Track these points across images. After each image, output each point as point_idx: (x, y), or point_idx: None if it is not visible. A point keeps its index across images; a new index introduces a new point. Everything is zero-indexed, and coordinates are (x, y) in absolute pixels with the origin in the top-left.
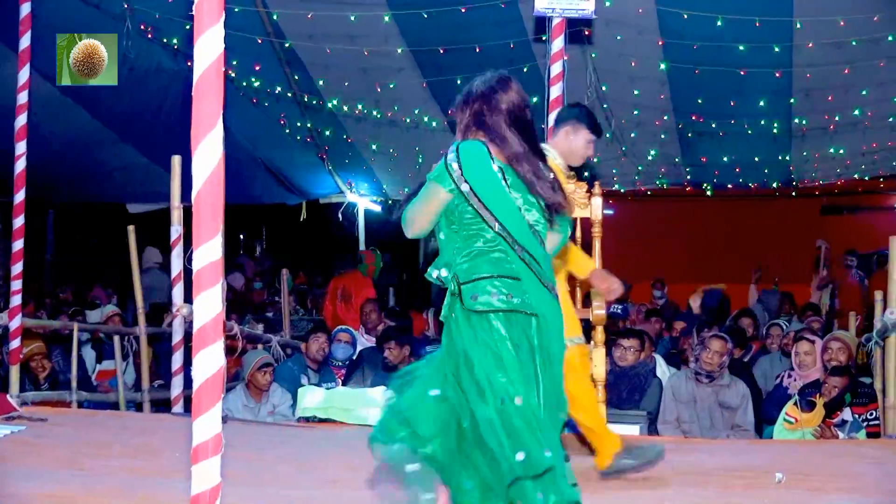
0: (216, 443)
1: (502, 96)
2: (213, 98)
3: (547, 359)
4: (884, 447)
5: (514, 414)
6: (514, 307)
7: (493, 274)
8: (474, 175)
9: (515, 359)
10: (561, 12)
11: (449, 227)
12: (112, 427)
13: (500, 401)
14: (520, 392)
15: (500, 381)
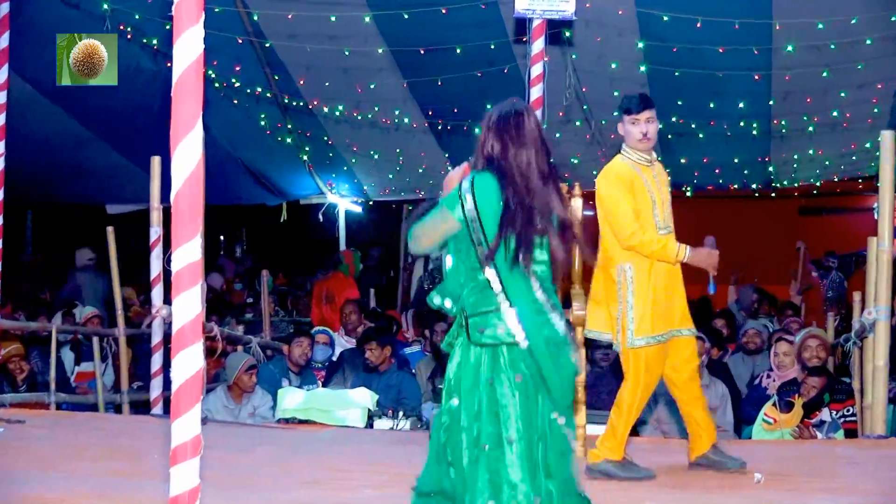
0: (195, 444)
1: (518, 130)
2: (192, 99)
3: (539, 388)
4: (861, 447)
5: (493, 459)
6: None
7: (498, 307)
8: (484, 211)
9: (514, 396)
10: (541, 14)
11: (457, 253)
12: (91, 429)
13: (483, 447)
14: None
15: (488, 429)
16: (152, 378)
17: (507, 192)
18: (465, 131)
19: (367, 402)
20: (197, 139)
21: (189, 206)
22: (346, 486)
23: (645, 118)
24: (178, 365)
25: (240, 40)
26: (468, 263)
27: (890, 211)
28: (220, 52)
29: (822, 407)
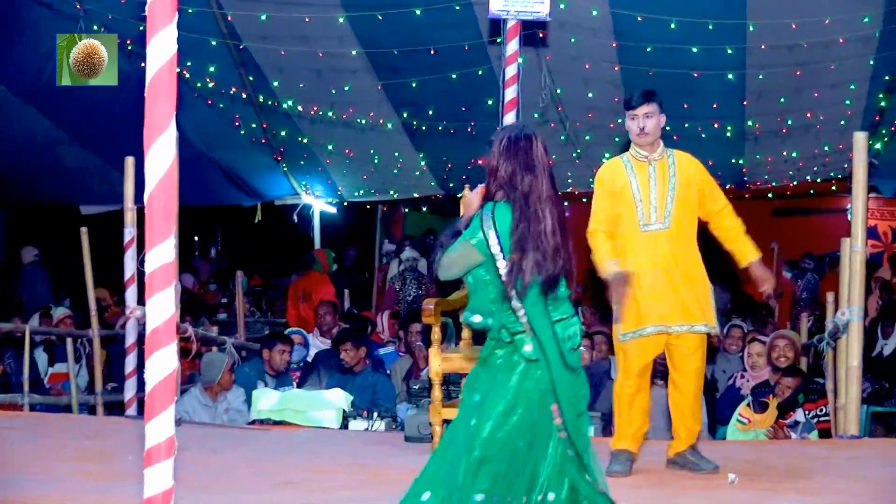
0: (169, 446)
1: (528, 154)
2: (166, 99)
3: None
4: (834, 448)
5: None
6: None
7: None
8: (505, 244)
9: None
10: (516, 15)
11: (486, 274)
12: (64, 430)
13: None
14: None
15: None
16: (126, 379)
17: (519, 220)
18: (440, 132)
19: (341, 403)
20: (171, 140)
21: (163, 207)
22: (320, 487)
23: (643, 113)
24: (152, 366)
25: (214, 41)
26: (498, 287)
27: (863, 212)
28: (194, 52)
29: (797, 407)
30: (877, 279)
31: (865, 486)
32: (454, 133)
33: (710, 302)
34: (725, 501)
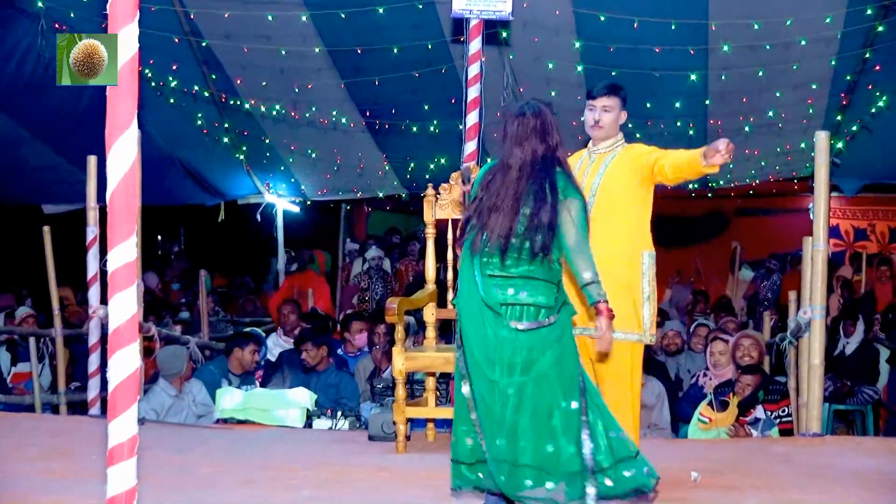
0: (132, 445)
1: (512, 127)
2: (127, 97)
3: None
4: (796, 445)
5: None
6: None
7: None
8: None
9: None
10: (478, 14)
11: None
12: (28, 430)
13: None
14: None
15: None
16: (90, 378)
17: (484, 181)
18: (403, 131)
19: (305, 402)
20: (132, 138)
21: (125, 206)
22: (284, 486)
23: (601, 105)
24: (115, 365)
25: (177, 39)
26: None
27: (825, 211)
28: (156, 51)
29: (756, 405)
30: (839, 278)
31: (827, 483)
32: (417, 132)
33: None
34: (688, 499)
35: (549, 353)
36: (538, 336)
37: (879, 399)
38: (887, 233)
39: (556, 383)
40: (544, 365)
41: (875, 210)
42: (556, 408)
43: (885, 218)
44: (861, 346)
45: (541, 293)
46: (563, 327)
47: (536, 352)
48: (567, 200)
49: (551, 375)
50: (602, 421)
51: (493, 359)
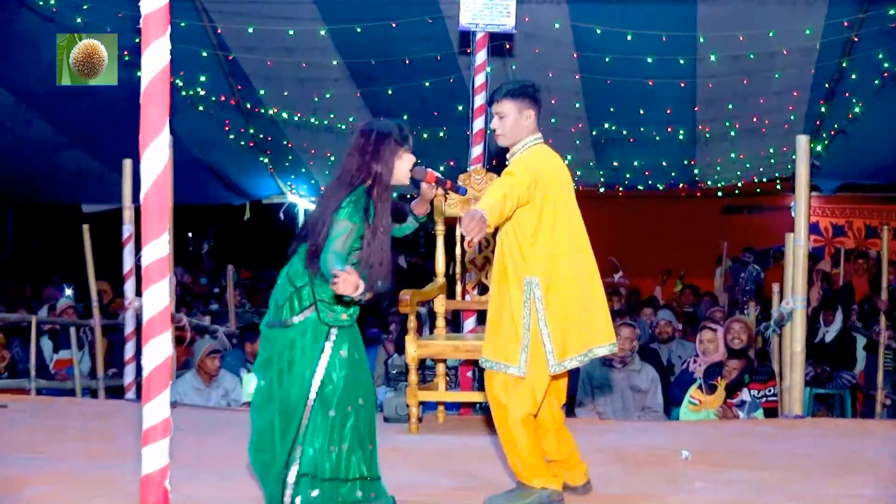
0: (165, 426)
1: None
2: (160, 105)
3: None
4: (779, 426)
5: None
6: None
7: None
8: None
9: None
10: (484, 27)
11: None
12: (68, 413)
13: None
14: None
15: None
16: (126, 365)
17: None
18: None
19: None
20: (164, 143)
21: (157, 206)
22: None
23: (495, 112)
24: (149, 353)
25: (205, 53)
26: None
27: (805, 209)
28: (186, 63)
29: (743, 387)
30: (818, 271)
31: (808, 462)
32: (428, 137)
33: (500, 337)
34: (679, 477)
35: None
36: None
37: (857, 383)
38: (864, 229)
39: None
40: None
41: (852, 208)
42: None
43: (862, 215)
44: (840, 334)
45: (281, 293)
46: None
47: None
48: (337, 220)
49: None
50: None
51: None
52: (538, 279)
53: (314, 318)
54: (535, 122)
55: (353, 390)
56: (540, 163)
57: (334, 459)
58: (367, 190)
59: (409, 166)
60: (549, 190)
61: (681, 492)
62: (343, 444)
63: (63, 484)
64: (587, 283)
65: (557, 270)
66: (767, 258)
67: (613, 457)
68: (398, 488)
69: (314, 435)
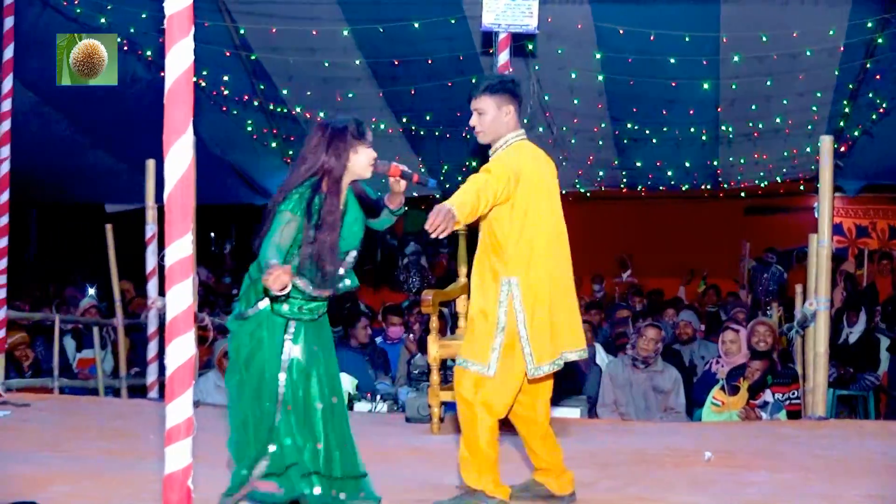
0: (188, 426)
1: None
2: (183, 105)
3: None
4: (802, 428)
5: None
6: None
7: None
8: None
9: None
10: (506, 27)
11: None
12: (91, 412)
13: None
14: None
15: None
16: (148, 364)
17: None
18: (437, 136)
19: (347, 387)
20: (188, 143)
21: (181, 206)
22: None
23: (474, 109)
24: (172, 352)
25: (228, 53)
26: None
27: (829, 210)
28: (209, 63)
29: (765, 388)
30: (842, 272)
31: (831, 463)
32: (450, 137)
33: (475, 335)
34: (701, 477)
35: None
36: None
37: (880, 385)
38: (887, 230)
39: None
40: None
41: (875, 209)
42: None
43: (885, 216)
44: (863, 335)
45: (242, 286)
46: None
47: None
48: (280, 210)
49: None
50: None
51: None
52: (517, 279)
53: (267, 310)
54: (517, 117)
55: (317, 387)
56: (520, 160)
57: (306, 457)
58: (316, 183)
59: (368, 161)
60: (529, 188)
61: (703, 493)
62: (318, 443)
63: (86, 483)
64: (564, 287)
65: (536, 272)
66: (790, 259)
67: (635, 457)
68: (419, 488)
69: (286, 432)
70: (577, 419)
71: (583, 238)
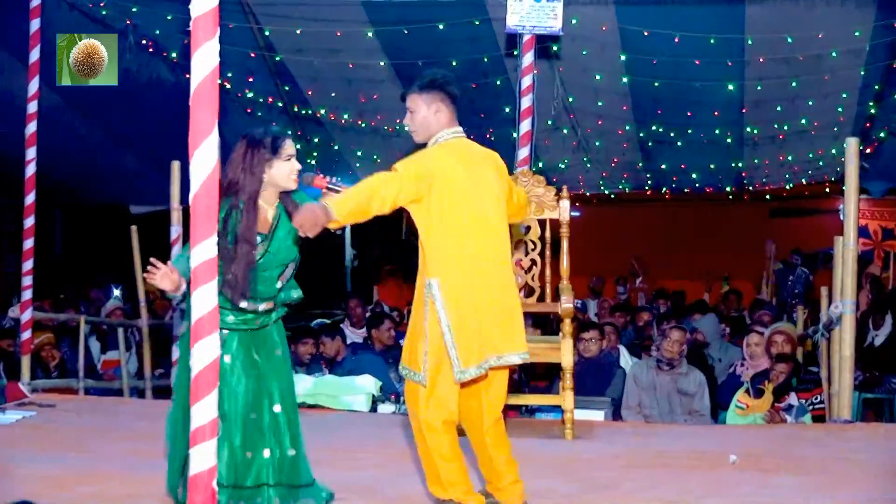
0: (213, 427)
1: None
2: (208, 107)
3: None
4: (828, 431)
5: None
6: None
7: None
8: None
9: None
10: (531, 29)
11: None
12: (116, 413)
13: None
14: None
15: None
16: (173, 365)
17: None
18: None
19: (371, 388)
20: (213, 145)
21: (206, 207)
22: (352, 466)
23: (407, 108)
24: (197, 353)
25: (252, 54)
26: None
27: (855, 212)
28: (234, 64)
29: (790, 391)
30: (867, 275)
31: (857, 467)
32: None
33: (411, 345)
34: (727, 481)
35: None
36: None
37: None
38: None
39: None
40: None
41: None
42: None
43: None
44: (889, 338)
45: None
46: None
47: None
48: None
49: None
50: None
51: None
52: (437, 281)
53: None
54: (450, 115)
55: (248, 397)
56: (437, 159)
57: (237, 465)
58: (232, 198)
59: (288, 173)
60: (448, 187)
61: (727, 496)
62: (248, 452)
63: (111, 483)
64: (498, 288)
65: (458, 273)
66: (815, 261)
67: (659, 460)
68: None
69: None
70: (601, 421)
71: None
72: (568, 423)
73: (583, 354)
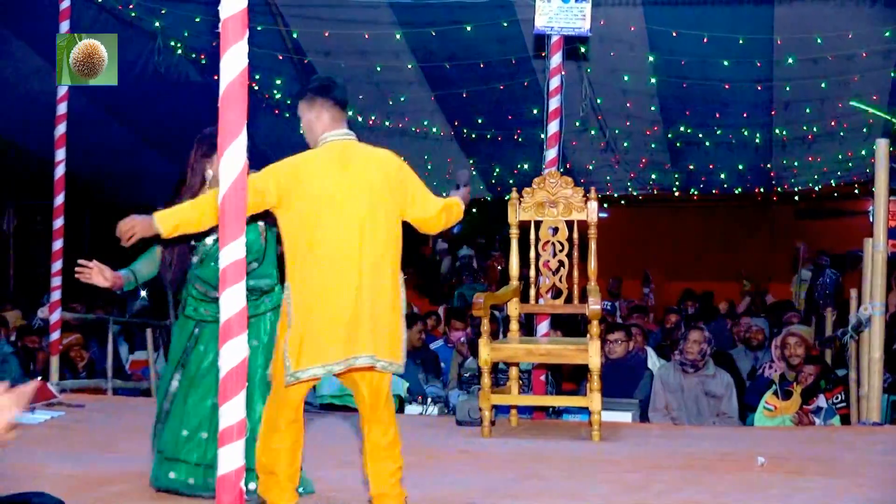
0: (241, 427)
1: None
2: (237, 109)
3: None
4: (857, 433)
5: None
6: None
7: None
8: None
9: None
10: (559, 30)
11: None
12: (144, 413)
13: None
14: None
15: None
16: None
17: None
18: (488, 139)
19: (398, 389)
20: (242, 146)
21: (235, 208)
22: None
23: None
24: (225, 354)
25: (280, 56)
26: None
27: (884, 214)
28: (262, 66)
29: (819, 393)
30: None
31: (885, 469)
32: (501, 140)
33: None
34: (756, 482)
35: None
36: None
37: None
38: None
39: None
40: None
41: None
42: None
43: None
44: None
45: None
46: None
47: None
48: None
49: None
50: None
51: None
52: (290, 285)
53: (181, 313)
54: (332, 118)
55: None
56: (306, 161)
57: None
58: (178, 194)
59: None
60: (311, 191)
61: (756, 497)
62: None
63: (140, 482)
64: (363, 292)
65: (307, 279)
66: (843, 263)
67: (687, 461)
68: (468, 490)
69: (164, 422)
70: (628, 423)
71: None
72: (595, 425)
73: (608, 356)
